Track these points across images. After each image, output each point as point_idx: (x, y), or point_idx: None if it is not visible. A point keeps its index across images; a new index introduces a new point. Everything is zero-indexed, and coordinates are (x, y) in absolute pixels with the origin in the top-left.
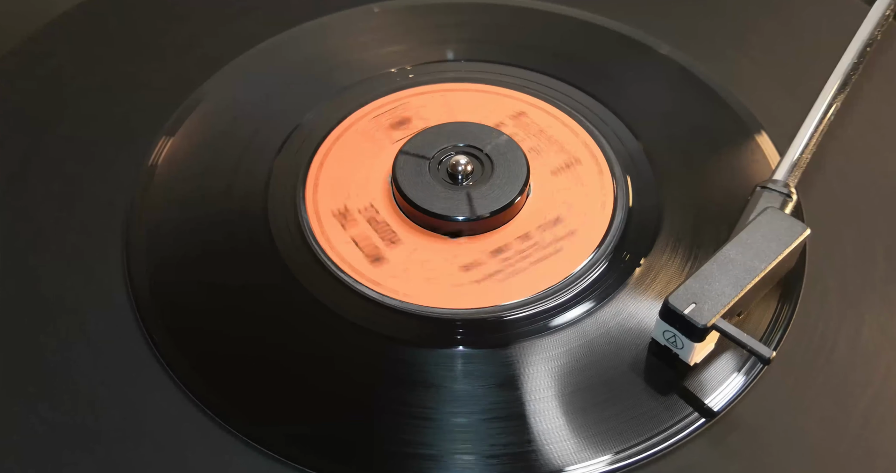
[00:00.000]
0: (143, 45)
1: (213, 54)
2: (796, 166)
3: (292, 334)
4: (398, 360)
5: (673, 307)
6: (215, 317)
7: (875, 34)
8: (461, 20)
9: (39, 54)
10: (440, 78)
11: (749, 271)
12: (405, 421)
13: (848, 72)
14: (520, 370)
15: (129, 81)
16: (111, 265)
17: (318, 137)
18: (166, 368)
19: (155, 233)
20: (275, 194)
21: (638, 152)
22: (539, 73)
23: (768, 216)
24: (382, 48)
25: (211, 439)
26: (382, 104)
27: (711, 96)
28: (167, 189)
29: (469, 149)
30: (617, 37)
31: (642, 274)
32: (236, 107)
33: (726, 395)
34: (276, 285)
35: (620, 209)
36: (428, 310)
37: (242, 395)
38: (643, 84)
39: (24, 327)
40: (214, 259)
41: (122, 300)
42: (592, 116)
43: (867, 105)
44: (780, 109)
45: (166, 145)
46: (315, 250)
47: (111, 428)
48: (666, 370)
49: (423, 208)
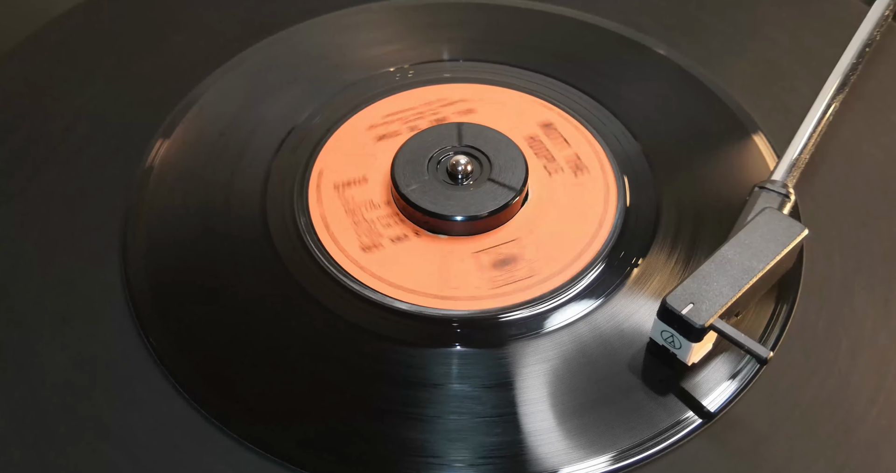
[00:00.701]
0: (141, 46)
1: (210, 54)
2: (794, 167)
3: (290, 334)
4: (397, 360)
5: (671, 307)
6: (214, 318)
7: (874, 34)
8: (460, 20)
9: (38, 54)
10: (439, 78)
11: (747, 272)
12: (401, 421)
13: (847, 72)
14: (517, 371)
15: (127, 82)
16: (108, 267)
17: (317, 137)
18: (164, 369)
19: (152, 235)
20: (273, 195)
21: (636, 153)
22: (538, 73)
23: (766, 217)
24: (380, 48)
25: (209, 439)
26: (382, 104)
27: (710, 97)
28: (164, 191)
29: (468, 149)
30: (615, 37)
31: (640, 275)
32: (233, 107)
33: (724, 396)
34: (273, 285)
35: (618, 210)
36: (427, 310)
37: (242, 395)
38: (641, 85)
39: (23, 327)
40: (212, 260)
41: (120, 301)
42: (590, 116)
43: (866, 105)
44: (778, 109)
45: (163, 147)
46: (313, 250)
47: (111, 430)
48: (664, 370)
49: (423, 208)
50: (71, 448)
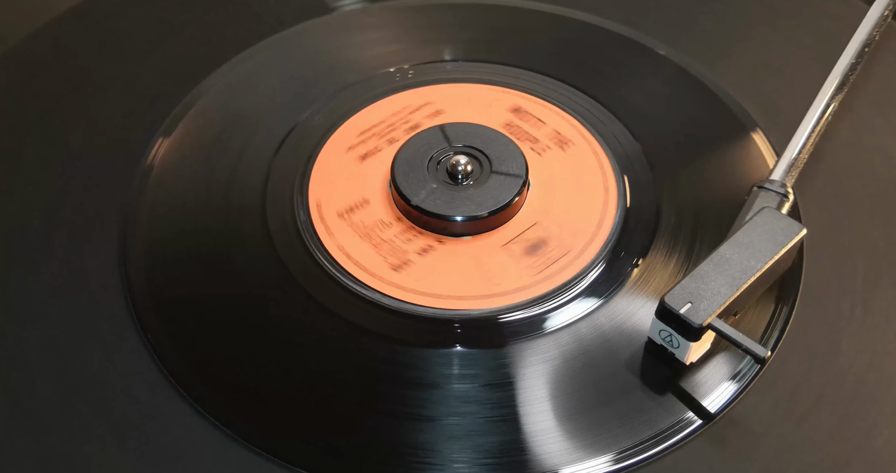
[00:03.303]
0: (141, 45)
1: (211, 53)
2: (793, 166)
3: (289, 334)
4: (396, 360)
5: (669, 306)
6: (213, 318)
7: (874, 34)
8: (459, 20)
9: (38, 54)
10: (438, 78)
11: (745, 271)
12: (401, 421)
13: (846, 72)
14: (517, 371)
15: (127, 81)
16: (107, 266)
17: (317, 136)
18: (163, 369)
19: (152, 233)
20: (273, 194)
21: (636, 153)
22: (537, 73)
23: (765, 216)
24: (381, 48)
25: (208, 439)
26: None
27: (709, 96)
28: (164, 189)
29: (467, 149)
30: (614, 37)
31: (640, 274)
32: (234, 106)
33: (724, 396)
34: (273, 284)
35: (619, 210)
36: (427, 310)
37: (242, 395)
38: (641, 85)
39: (23, 327)
40: (212, 260)
41: (119, 301)
42: (590, 116)
43: (865, 105)
44: (777, 109)
45: (163, 145)
46: (312, 250)
47: (110, 430)
48: (663, 372)
49: (423, 208)
50: (70, 448)
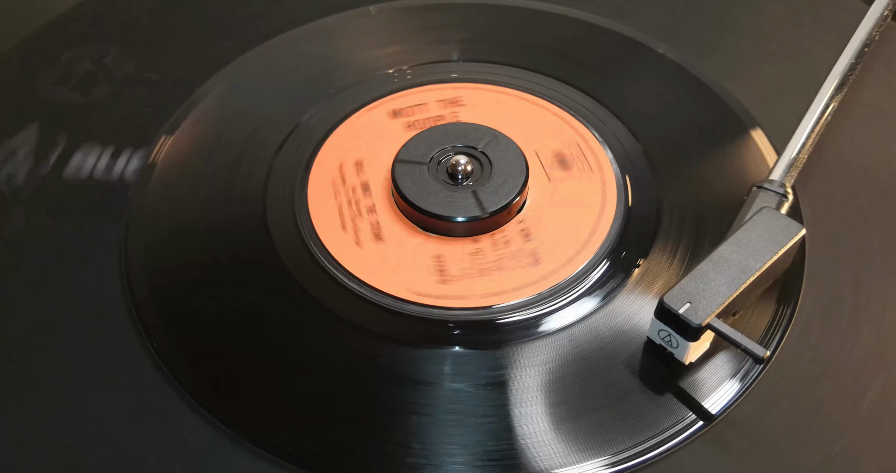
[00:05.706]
0: (143, 45)
1: (214, 55)
2: (793, 166)
3: (289, 333)
4: (395, 360)
5: (668, 306)
6: (214, 318)
7: (873, 34)
8: (458, 21)
9: (39, 54)
10: (438, 78)
11: (744, 271)
12: (398, 422)
13: (846, 72)
14: (517, 371)
15: (129, 81)
16: (108, 265)
17: (318, 137)
18: (164, 369)
19: (153, 232)
20: (274, 194)
21: (636, 152)
22: (537, 73)
23: (764, 216)
24: (380, 49)
25: (209, 439)
26: (383, 104)
27: (709, 96)
28: (166, 188)
29: (467, 149)
30: (614, 36)
31: (640, 275)
32: (236, 107)
33: (726, 398)
34: (273, 284)
35: (620, 210)
36: (426, 310)
37: (242, 396)
38: (641, 84)
39: (23, 327)
40: (213, 259)
41: (120, 300)
42: (590, 116)
43: (864, 105)
44: (777, 108)
45: (166, 144)
46: (313, 250)
47: (110, 430)
48: (663, 373)
49: (423, 208)
50: (69, 448)
